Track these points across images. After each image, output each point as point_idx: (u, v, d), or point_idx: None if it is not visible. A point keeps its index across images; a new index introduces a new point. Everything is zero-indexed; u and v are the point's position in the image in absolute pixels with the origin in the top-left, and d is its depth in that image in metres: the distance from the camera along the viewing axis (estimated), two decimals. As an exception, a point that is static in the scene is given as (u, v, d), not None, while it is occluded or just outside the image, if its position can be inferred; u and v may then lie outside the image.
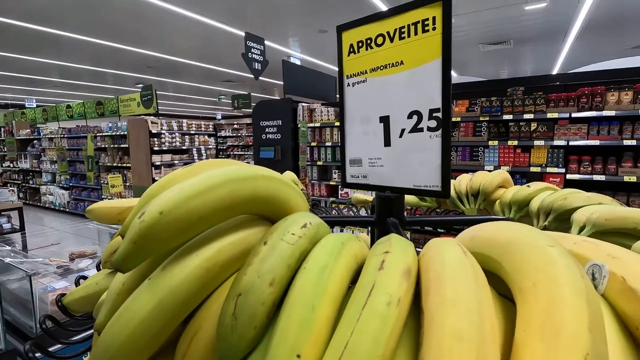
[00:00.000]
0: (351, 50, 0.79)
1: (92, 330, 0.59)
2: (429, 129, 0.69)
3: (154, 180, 7.32)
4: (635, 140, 3.34)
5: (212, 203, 0.31)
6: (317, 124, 5.14)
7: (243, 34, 5.64)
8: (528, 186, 0.91)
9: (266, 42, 6.13)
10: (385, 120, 0.75)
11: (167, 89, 15.01)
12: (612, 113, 3.42)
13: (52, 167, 9.92)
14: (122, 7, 6.25)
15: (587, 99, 3.55)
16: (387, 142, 0.76)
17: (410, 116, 0.71)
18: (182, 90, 15.50)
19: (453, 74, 11.12)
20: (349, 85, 0.81)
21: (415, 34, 0.68)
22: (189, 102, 19.37)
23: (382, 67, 0.74)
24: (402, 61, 0.70)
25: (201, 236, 0.32)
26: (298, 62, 8.62)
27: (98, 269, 0.74)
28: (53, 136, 9.84)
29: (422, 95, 0.68)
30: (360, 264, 0.31)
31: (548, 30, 7.68)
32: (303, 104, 5.29)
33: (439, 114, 0.67)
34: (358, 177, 0.83)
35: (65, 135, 9.49)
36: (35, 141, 10.58)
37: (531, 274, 0.24)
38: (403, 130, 0.73)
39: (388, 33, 0.72)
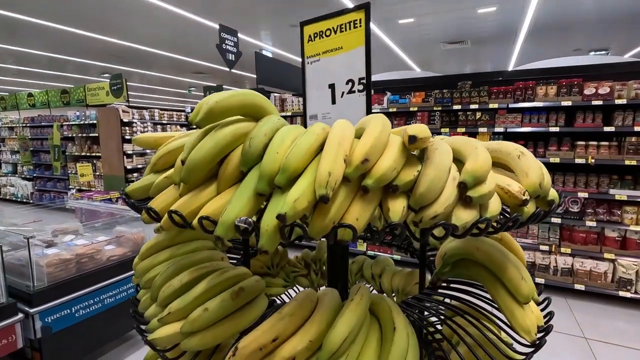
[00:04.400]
0: (309, 39, 1.15)
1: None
2: (359, 91, 1.06)
3: (125, 169, 7.35)
4: (558, 128, 3.95)
5: (234, 102, 0.65)
6: (289, 113, 5.47)
7: (214, 25, 5.84)
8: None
9: (238, 35, 6.35)
10: (332, 86, 1.12)
11: (134, 79, 14.68)
12: (541, 104, 4.01)
13: (13, 158, 9.56)
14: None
15: (521, 92, 4.13)
16: (334, 101, 1.13)
17: (347, 83, 1.08)
18: (151, 81, 15.20)
19: (415, 68, 11.58)
20: (308, 63, 1.17)
21: (349, 29, 1.05)
22: (157, 93, 18.94)
23: (329, 51, 1.11)
24: (341, 46, 1.08)
25: (232, 119, 0.68)
26: (269, 55, 8.85)
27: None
28: (14, 125, 9.48)
29: (354, 68, 1.06)
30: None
31: (499, 31, 8.42)
32: (275, 94, 5.60)
33: (364, 81, 1.05)
34: (315, 127, 1.19)
35: (28, 125, 9.19)
36: (-8, 131, 10.12)
37: (368, 124, 0.62)
38: (343, 93, 1.10)
39: (333, 28, 1.09)
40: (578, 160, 3.83)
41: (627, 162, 3.57)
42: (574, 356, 2.86)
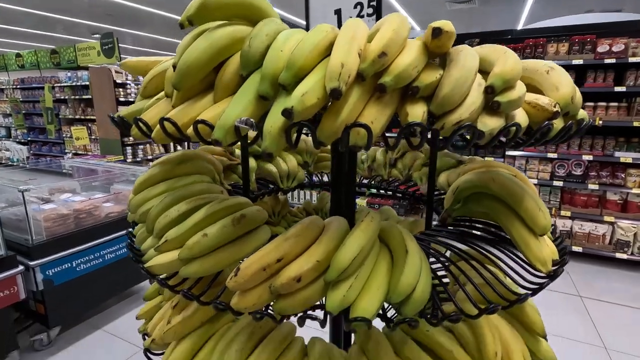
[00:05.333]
0: (314, -42, 1.03)
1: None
2: (368, 15, 0.97)
3: (121, 132, 7.20)
4: (566, 88, 3.82)
5: (231, -1, 0.58)
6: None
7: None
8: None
9: (234, -11, 5.99)
10: (338, 12, 1.02)
11: (127, 41, 14.10)
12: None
13: (6, 121, 9.37)
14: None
15: (531, 50, 3.96)
16: (340, 29, 1.03)
17: (355, 7, 0.98)
18: (144, 43, 14.62)
19: (416, 27, 11.12)
20: (312, -13, 1.06)
21: (359, -58, 0.93)
22: (151, 56, 18.29)
23: (336, -30, 0.99)
24: (350, -37, 0.96)
25: (228, 22, 0.60)
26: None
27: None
28: (3, 87, 9.20)
29: (363, -12, 0.95)
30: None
31: (509, -11, 7.99)
32: (273, 53, 5.37)
33: (374, 2, 0.95)
34: (319, 60, 1.10)
35: (18, 86, 8.91)
36: (-18, 93, 9.84)
37: (383, 23, 0.54)
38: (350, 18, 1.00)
39: (340, -58, 0.97)
40: (584, 122, 3.73)
41: (635, 124, 3.49)
42: (568, 312, 2.93)
